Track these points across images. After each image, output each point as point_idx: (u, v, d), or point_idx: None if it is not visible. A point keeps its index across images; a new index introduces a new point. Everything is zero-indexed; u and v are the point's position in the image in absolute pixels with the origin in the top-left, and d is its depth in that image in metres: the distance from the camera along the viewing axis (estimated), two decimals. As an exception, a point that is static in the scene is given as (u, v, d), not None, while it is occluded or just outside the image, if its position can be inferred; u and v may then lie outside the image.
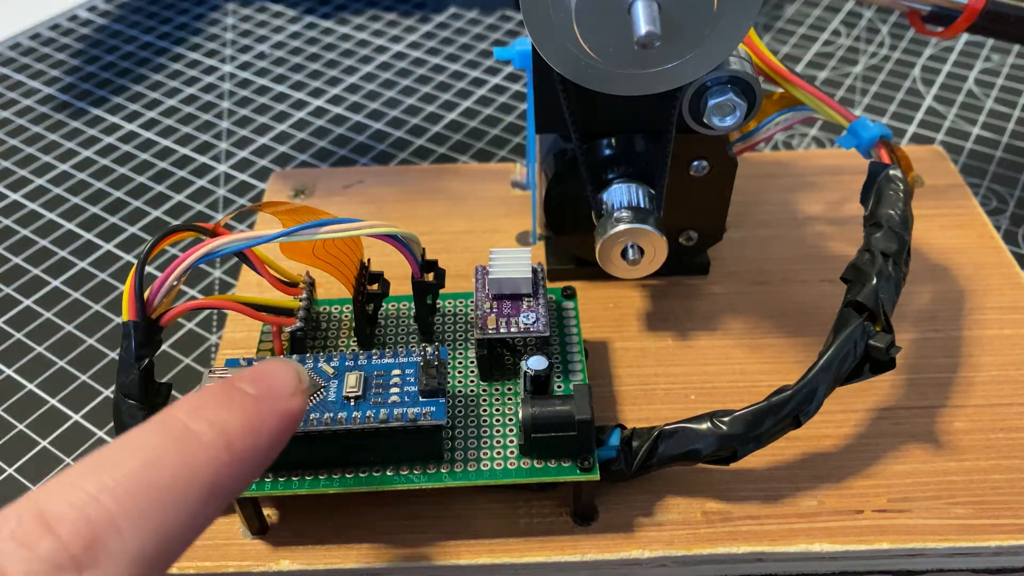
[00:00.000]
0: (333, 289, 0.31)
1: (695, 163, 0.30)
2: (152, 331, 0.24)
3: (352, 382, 0.25)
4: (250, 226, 0.39)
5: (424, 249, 0.28)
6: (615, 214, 0.29)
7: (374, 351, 0.26)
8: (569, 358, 0.28)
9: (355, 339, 0.29)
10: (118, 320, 0.35)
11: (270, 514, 0.27)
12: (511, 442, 0.26)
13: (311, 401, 0.25)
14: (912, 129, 0.44)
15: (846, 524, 0.26)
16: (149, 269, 0.32)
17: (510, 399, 0.27)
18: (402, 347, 0.29)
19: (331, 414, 0.24)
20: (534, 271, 0.29)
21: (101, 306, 0.36)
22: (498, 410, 0.27)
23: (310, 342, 0.28)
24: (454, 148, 0.44)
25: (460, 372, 0.28)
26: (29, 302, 0.36)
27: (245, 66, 0.50)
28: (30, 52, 0.52)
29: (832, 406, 0.27)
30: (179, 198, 0.41)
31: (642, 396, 0.30)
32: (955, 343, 0.31)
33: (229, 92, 0.48)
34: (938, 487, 0.27)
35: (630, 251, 0.29)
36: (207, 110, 0.47)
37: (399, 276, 0.29)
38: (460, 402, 0.27)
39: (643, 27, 0.22)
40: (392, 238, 0.26)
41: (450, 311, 0.30)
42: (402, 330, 0.30)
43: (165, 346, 0.34)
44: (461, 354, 0.28)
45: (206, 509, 0.17)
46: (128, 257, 0.38)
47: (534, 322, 0.27)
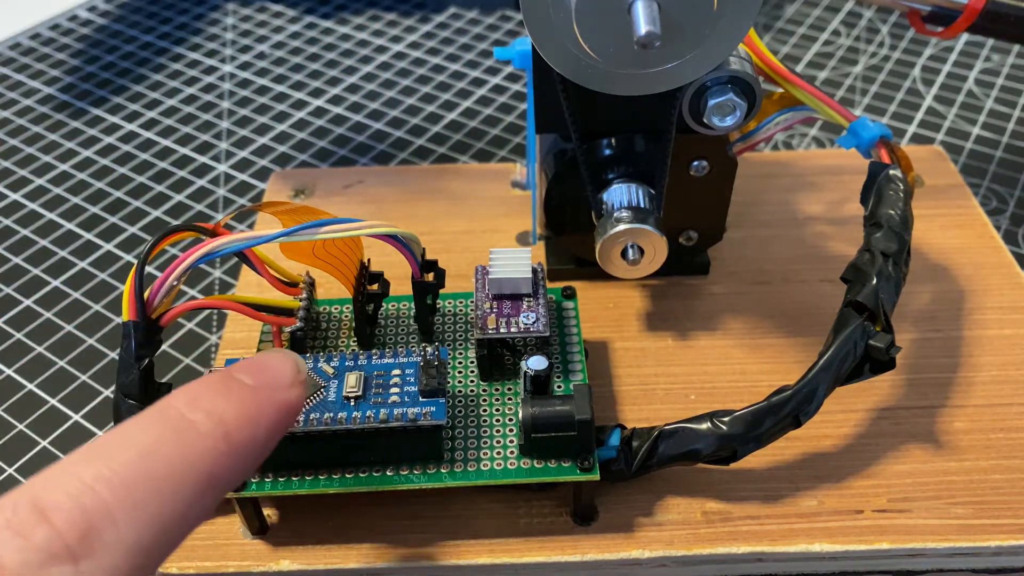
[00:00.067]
0: (333, 289, 0.31)
1: (695, 163, 0.30)
2: (152, 331, 0.24)
3: (352, 382, 0.25)
4: (250, 226, 0.39)
5: (424, 249, 0.28)
6: (615, 214, 0.29)
7: (374, 351, 0.26)
8: (569, 358, 0.28)
9: (355, 339, 0.29)
10: (118, 320, 0.35)
11: (270, 514, 0.27)
12: (511, 442, 0.26)
13: (311, 401, 0.25)
14: (912, 129, 0.44)
15: (846, 524, 0.26)
16: (149, 269, 0.32)
17: (510, 399, 0.27)
18: (402, 347, 0.29)
19: (331, 414, 0.24)
20: (534, 271, 0.29)
21: (101, 306, 0.36)
22: (498, 410, 0.27)
23: (310, 342, 0.28)
24: (454, 148, 0.44)
25: (460, 372, 0.28)
26: (29, 302, 0.36)
27: (245, 66, 0.50)
28: (30, 52, 0.52)
29: (832, 406, 0.27)
30: (179, 198, 0.41)
31: (642, 396, 0.30)
32: (955, 343, 0.31)
33: (229, 92, 0.48)
34: (938, 487, 0.27)
35: (630, 251, 0.29)
36: (207, 110, 0.47)
37: (399, 276, 0.29)
38: (460, 402, 0.27)
39: (643, 27, 0.22)
40: (392, 238, 0.26)
41: (450, 311, 0.30)
42: (402, 330, 0.30)
43: (165, 346, 0.34)
44: (461, 354, 0.28)
45: (203, 500, 0.17)
46: (128, 257, 0.38)
47: (534, 322, 0.27)
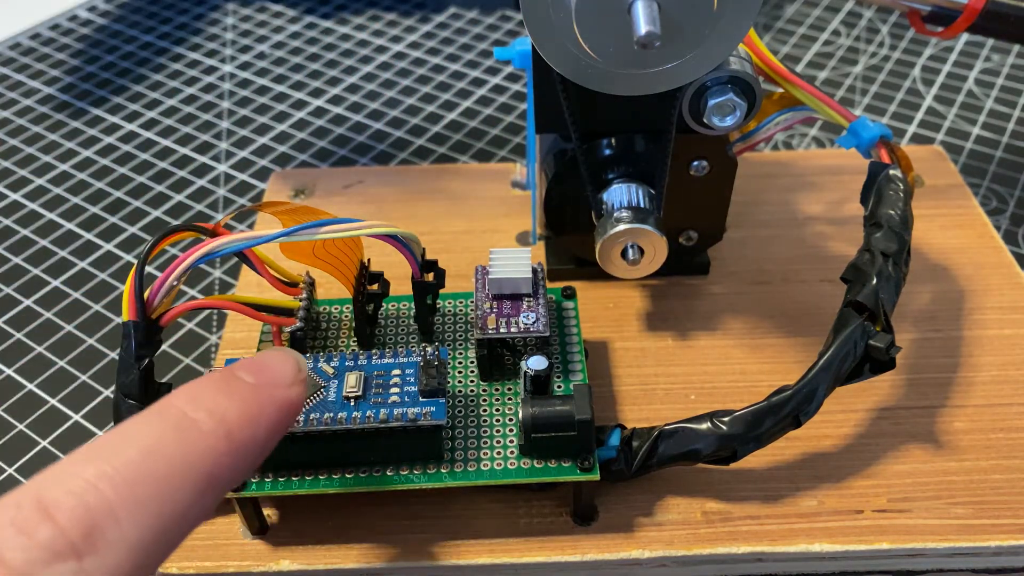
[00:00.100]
0: (333, 289, 0.31)
1: (695, 163, 0.30)
2: (152, 331, 0.24)
3: (352, 382, 0.25)
4: (250, 226, 0.39)
5: (424, 249, 0.28)
6: (615, 214, 0.29)
7: (374, 351, 0.26)
8: (569, 358, 0.28)
9: (355, 339, 0.29)
10: (118, 320, 0.35)
11: (270, 514, 0.27)
12: (511, 442, 0.26)
13: (311, 401, 0.25)
14: (912, 129, 0.44)
15: (846, 524, 0.26)
16: (149, 269, 0.32)
17: (510, 399, 0.27)
18: (402, 347, 0.29)
19: (331, 414, 0.24)
20: (534, 271, 0.29)
21: (101, 306, 0.36)
22: (498, 410, 0.27)
23: (310, 342, 0.28)
24: (454, 148, 0.44)
25: (460, 372, 0.28)
26: (29, 302, 0.36)
27: (245, 66, 0.50)
28: (30, 52, 0.52)
29: (832, 406, 0.27)
30: (179, 198, 0.41)
31: (642, 396, 0.30)
32: (955, 343, 0.31)
33: (229, 92, 0.48)
34: (938, 487, 0.27)
35: (630, 251, 0.29)
36: (207, 110, 0.47)
37: (399, 276, 0.29)
38: (460, 402, 0.27)
39: (643, 27, 0.22)
40: (392, 238, 0.26)
41: (450, 311, 0.30)
42: (402, 330, 0.30)
43: (165, 346, 0.34)
44: (461, 354, 0.28)
45: (204, 499, 0.17)
46: (128, 257, 0.38)
47: (534, 322, 0.27)
